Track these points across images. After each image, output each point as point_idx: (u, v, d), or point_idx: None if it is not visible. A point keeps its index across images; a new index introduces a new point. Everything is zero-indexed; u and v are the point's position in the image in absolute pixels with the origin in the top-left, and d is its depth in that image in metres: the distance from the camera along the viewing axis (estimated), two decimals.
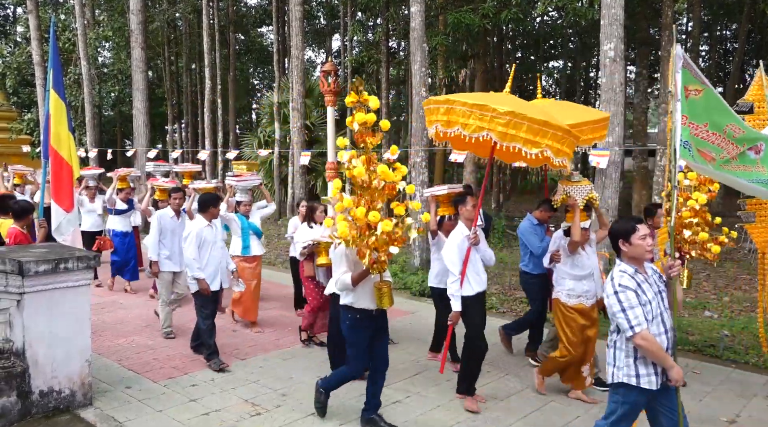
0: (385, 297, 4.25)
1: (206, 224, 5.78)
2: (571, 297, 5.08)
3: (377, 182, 4.13)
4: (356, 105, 4.29)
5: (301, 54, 12.79)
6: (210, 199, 5.91)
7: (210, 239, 5.77)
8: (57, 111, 6.18)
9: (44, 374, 4.56)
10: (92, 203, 9.15)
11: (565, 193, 5.11)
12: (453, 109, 4.62)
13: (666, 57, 10.80)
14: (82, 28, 17.65)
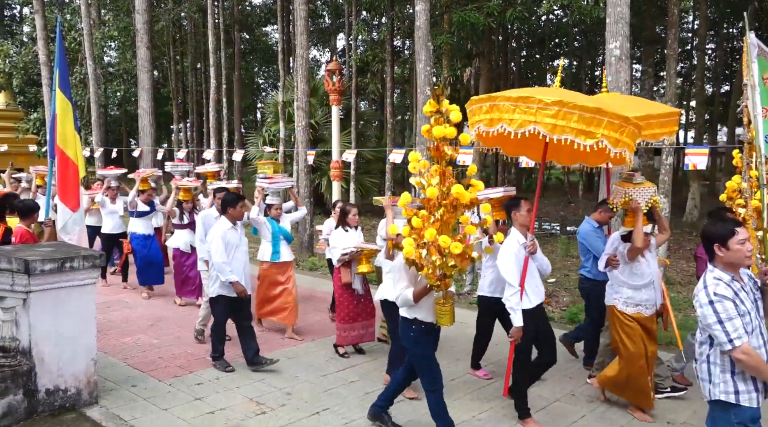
0: (446, 316, 3.99)
1: (230, 226, 5.57)
2: (629, 305, 4.75)
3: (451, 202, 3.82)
4: (434, 115, 3.91)
5: (305, 53, 12.78)
6: (229, 199, 5.69)
7: (234, 242, 5.56)
8: (63, 110, 6.21)
9: (50, 373, 4.58)
10: (114, 204, 8.93)
11: (626, 196, 4.69)
12: (496, 106, 4.32)
13: (672, 55, 10.74)
14: (87, 27, 17.71)
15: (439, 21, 15.19)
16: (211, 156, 15.28)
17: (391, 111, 17.09)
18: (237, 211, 5.61)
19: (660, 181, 9.93)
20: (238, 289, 5.46)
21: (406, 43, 23.69)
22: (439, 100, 3.90)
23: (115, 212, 8.91)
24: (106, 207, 8.86)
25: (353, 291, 5.96)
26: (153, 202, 8.58)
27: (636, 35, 16.43)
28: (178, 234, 7.95)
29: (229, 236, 5.52)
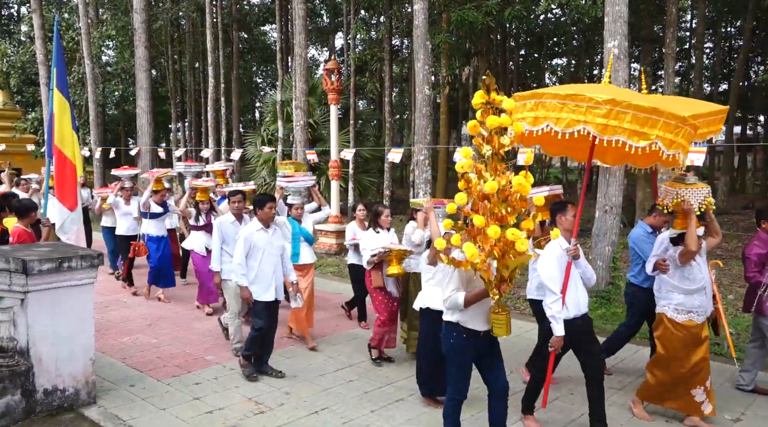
0: (502, 326, 3.71)
1: (259, 228, 5.34)
2: (680, 313, 4.53)
3: (511, 196, 3.54)
4: (484, 107, 3.60)
5: (304, 52, 12.77)
6: (258, 200, 5.41)
7: (262, 245, 5.30)
8: (61, 110, 6.20)
9: (48, 373, 4.57)
10: (128, 205, 8.70)
11: (678, 197, 4.47)
12: (542, 104, 4.08)
13: (670, 54, 10.75)
14: (85, 27, 17.67)
15: (438, 20, 15.17)
16: (210, 155, 15.27)
17: (389, 110, 17.08)
18: (264, 212, 5.34)
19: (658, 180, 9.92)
20: (243, 294, 5.30)
21: (405, 42, 23.67)
22: (488, 91, 3.58)
23: (129, 214, 8.70)
24: (120, 208, 8.66)
25: (388, 293, 5.76)
26: (166, 203, 8.33)
27: (634, 34, 16.44)
28: (194, 236, 7.68)
29: (255, 238, 5.30)
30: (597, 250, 8.07)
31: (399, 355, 6.14)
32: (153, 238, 8.21)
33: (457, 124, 29.48)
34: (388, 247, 5.59)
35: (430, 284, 4.84)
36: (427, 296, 4.87)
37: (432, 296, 4.76)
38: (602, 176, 8.09)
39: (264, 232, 5.35)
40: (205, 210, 7.67)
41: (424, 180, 10.08)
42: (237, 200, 6.27)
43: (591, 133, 3.90)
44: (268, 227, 5.38)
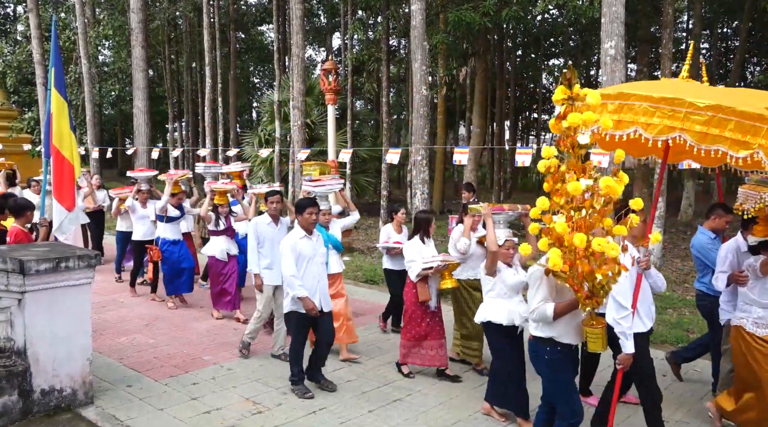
0: (598, 340, 3.39)
1: (302, 235, 5.06)
2: (760, 326, 4.16)
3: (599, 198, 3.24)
4: (566, 102, 3.33)
5: (301, 52, 12.77)
6: (300, 205, 5.14)
7: (307, 253, 5.03)
8: (59, 110, 6.19)
9: (45, 373, 4.57)
10: (144, 209, 8.32)
11: (762, 202, 4.08)
12: (628, 106, 3.66)
13: (667, 55, 10.79)
14: (82, 26, 17.64)
15: (435, 20, 15.18)
16: (207, 155, 15.25)
17: (386, 110, 17.09)
18: (305, 218, 5.05)
19: (655, 181, 9.96)
20: (307, 305, 4.95)
21: (402, 43, 23.68)
22: (570, 85, 3.28)
23: (146, 217, 8.30)
24: (137, 212, 8.28)
25: (427, 308, 5.44)
26: (182, 206, 8.04)
27: (631, 35, 16.48)
28: (214, 241, 7.37)
29: (300, 247, 5.02)
30: None
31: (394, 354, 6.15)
32: (167, 242, 7.88)
33: (454, 124, 29.52)
34: (447, 260, 5.27)
35: (490, 296, 4.60)
36: (488, 308, 4.59)
37: (493, 308, 4.54)
38: None
39: (308, 239, 5.08)
40: (224, 214, 7.38)
41: (422, 180, 10.09)
42: (275, 201, 5.99)
43: (688, 142, 3.50)
44: (311, 233, 5.11)
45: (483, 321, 4.61)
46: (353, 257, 11.44)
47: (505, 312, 4.50)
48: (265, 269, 5.91)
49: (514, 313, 4.51)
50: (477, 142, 17.08)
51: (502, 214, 4.75)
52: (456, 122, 29.38)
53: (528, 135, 36.74)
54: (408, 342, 5.47)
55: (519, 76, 27.76)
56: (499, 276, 4.49)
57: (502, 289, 4.53)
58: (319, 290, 5.09)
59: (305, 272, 5.01)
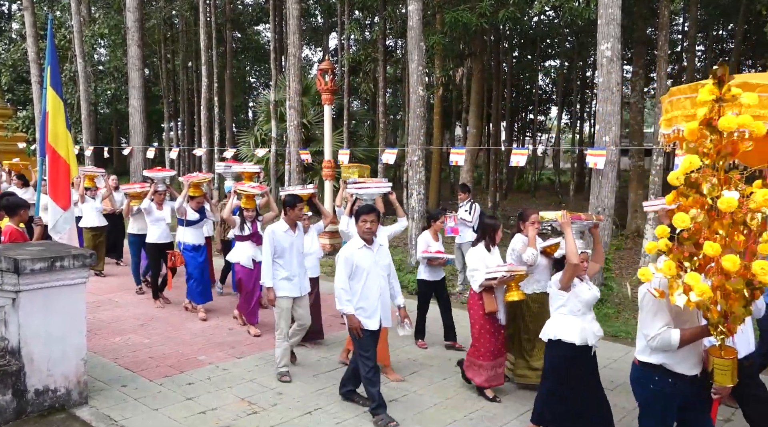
0: (727, 373, 3.00)
1: (360, 245, 4.64)
2: None
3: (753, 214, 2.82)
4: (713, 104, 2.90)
5: (298, 52, 12.76)
6: (359, 211, 4.70)
7: (366, 265, 4.61)
8: (54, 109, 6.17)
9: (39, 373, 4.55)
10: (161, 211, 7.89)
11: None
12: None
13: (662, 57, 10.82)
14: (78, 25, 17.59)
15: (432, 21, 15.19)
16: (203, 154, 15.22)
17: (383, 111, 17.10)
18: (360, 226, 4.62)
19: (650, 183, 10.00)
20: (351, 323, 4.54)
21: (399, 43, 23.69)
22: (721, 84, 2.85)
23: (161, 219, 7.87)
24: (153, 214, 7.82)
25: (496, 321, 5.06)
26: (203, 209, 7.61)
27: (627, 36, 16.52)
28: (239, 247, 6.89)
29: (357, 258, 4.59)
30: None
31: (392, 353, 6.15)
32: (189, 247, 7.44)
33: (450, 125, 29.54)
34: (514, 270, 4.91)
35: (561, 312, 4.24)
36: (558, 325, 4.23)
37: (565, 326, 4.18)
38: (595, 178, 8.13)
39: (367, 249, 4.65)
40: (250, 218, 6.93)
41: (418, 181, 10.10)
42: (300, 207, 5.61)
43: None
44: (371, 243, 4.67)
45: (552, 339, 4.21)
46: None
47: (578, 330, 4.15)
48: (282, 280, 5.43)
49: (588, 331, 4.17)
50: (473, 143, 17.09)
51: (576, 223, 4.54)
52: (452, 123, 29.40)
53: (524, 136, 36.78)
54: (486, 362, 5.02)
55: (515, 77, 27.80)
56: (573, 291, 4.18)
57: (576, 305, 4.19)
58: (380, 306, 4.63)
59: (364, 285, 4.58)
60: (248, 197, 6.94)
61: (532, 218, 5.14)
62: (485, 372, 5.04)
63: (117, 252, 10.61)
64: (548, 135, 38.94)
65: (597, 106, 8.35)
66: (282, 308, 5.44)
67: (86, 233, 9.34)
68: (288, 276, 5.44)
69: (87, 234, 9.35)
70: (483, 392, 5.12)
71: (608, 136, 7.90)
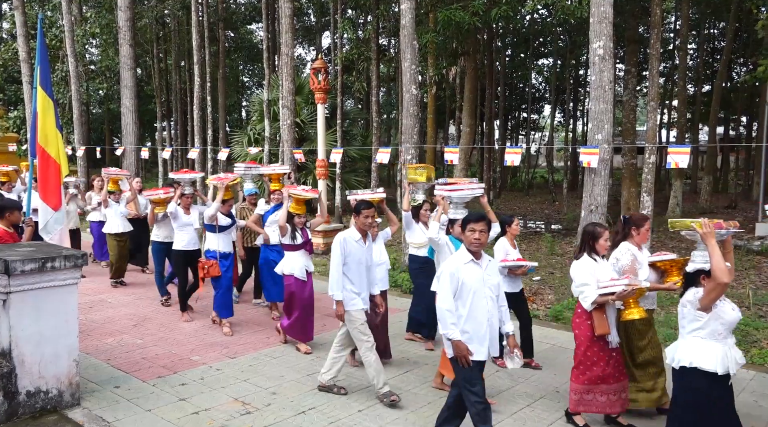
0: None
1: (467, 260, 3.92)
2: None
3: None
4: None
5: (290, 51, 12.73)
6: (469, 217, 4.04)
7: (473, 283, 3.89)
8: (44, 108, 6.13)
9: (31, 375, 4.52)
10: (188, 215, 7.30)
11: None
12: None
13: (655, 55, 10.87)
14: (69, 24, 17.48)
15: (425, 20, 15.20)
16: (196, 155, 15.16)
17: (376, 110, 17.09)
18: (467, 237, 3.95)
19: (643, 180, 10.04)
20: (459, 350, 3.83)
21: (392, 42, 23.69)
22: None
23: (189, 225, 7.28)
24: (179, 219, 7.21)
25: (606, 344, 4.40)
26: (232, 213, 7.18)
27: (619, 35, 16.58)
28: (291, 257, 6.20)
29: (464, 275, 3.89)
30: None
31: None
32: (220, 255, 6.91)
33: (444, 123, 29.57)
34: (636, 284, 4.23)
35: (698, 336, 3.70)
36: (695, 351, 3.68)
37: (703, 351, 3.64)
38: (588, 176, 8.15)
39: (475, 265, 3.94)
40: (301, 225, 6.27)
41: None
42: (370, 214, 5.00)
43: None
44: (480, 257, 3.97)
45: (687, 367, 3.67)
46: None
47: (720, 357, 3.61)
48: (352, 294, 5.00)
49: (730, 358, 3.65)
50: (467, 142, 17.12)
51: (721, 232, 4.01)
52: (446, 121, 29.44)
53: (517, 134, 36.88)
54: (581, 386, 4.45)
55: (508, 76, 27.86)
56: (715, 312, 3.64)
57: (717, 328, 3.65)
58: (489, 333, 3.94)
59: (471, 307, 3.89)
60: (299, 201, 6.29)
61: (647, 226, 4.67)
62: (578, 395, 4.47)
63: (142, 258, 10.07)
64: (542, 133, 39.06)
65: (589, 105, 8.36)
66: (358, 320, 4.96)
67: (110, 240, 9.01)
68: (356, 289, 5.02)
69: (111, 241, 9.00)
70: (571, 417, 4.57)
71: (601, 134, 7.93)
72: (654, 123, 10.67)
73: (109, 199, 8.94)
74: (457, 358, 3.86)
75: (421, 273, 6.41)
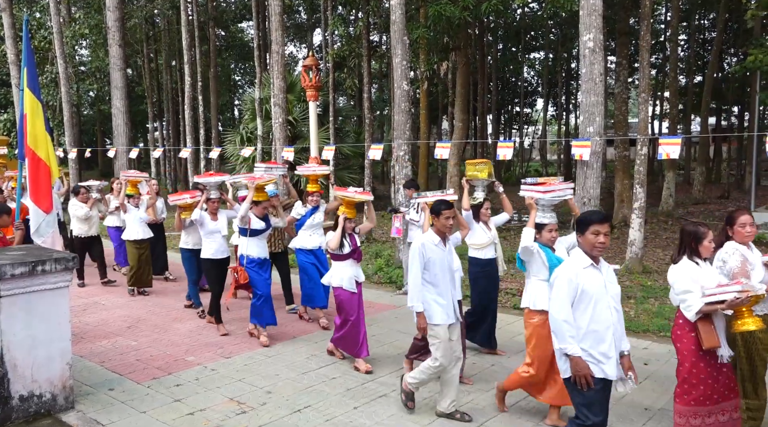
0: None
1: (586, 264, 3.46)
2: None
3: None
4: None
5: (281, 49, 12.67)
6: (581, 221, 3.54)
7: (594, 290, 3.43)
8: (32, 111, 6.08)
9: (24, 379, 4.49)
10: (215, 221, 6.82)
11: None
12: None
13: (645, 47, 10.86)
14: (57, 25, 17.35)
15: (415, 15, 15.15)
16: (188, 155, 15.09)
17: (368, 106, 17.04)
18: (587, 239, 3.45)
19: (635, 172, 10.05)
20: (578, 368, 3.36)
21: (383, 38, 23.63)
22: None
23: (217, 232, 6.81)
24: (206, 226, 6.76)
25: (715, 360, 3.81)
26: (268, 217, 6.72)
27: (610, 27, 16.58)
28: (339, 268, 5.70)
29: (583, 280, 3.42)
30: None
31: (382, 349, 6.15)
32: (255, 260, 6.48)
33: (436, 119, 29.54)
34: (750, 289, 3.62)
35: None
36: None
37: None
38: (580, 169, 8.16)
39: (595, 270, 3.48)
40: (350, 230, 5.87)
41: (405, 176, 10.06)
42: (451, 214, 4.51)
43: None
44: (598, 262, 3.51)
45: None
46: None
47: None
48: (433, 304, 4.49)
49: None
50: (459, 137, 17.10)
51: None
52: (439, 117, 29.42)
53: (511, 129, 36.91)
54: (687, 409, 3.81)
55: (500, 70, 27.85)
56: None
57: None
58: (615, 349, 3.43)
59: (591, 318, 3.41)
60: (350, 205, 5.80)
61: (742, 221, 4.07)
62: (684, 419, 3.84)
63: (161, 265, 9.62)
64: (535, 127, 39.08)
65: (581, 98, 8.36)
66: (439, 337, 4.44)
67: (130, 247, 8.55)
68: (439, 300, 4.49)
69: (131, 248, 8.52)
70: None
71: (592, 127, 7.93)
72: (645, 115, 10.67)
73: (128, 204, 8.53)
74: (576, 378, 3.37)
75: (483, 276, 5.88)
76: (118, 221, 9.36)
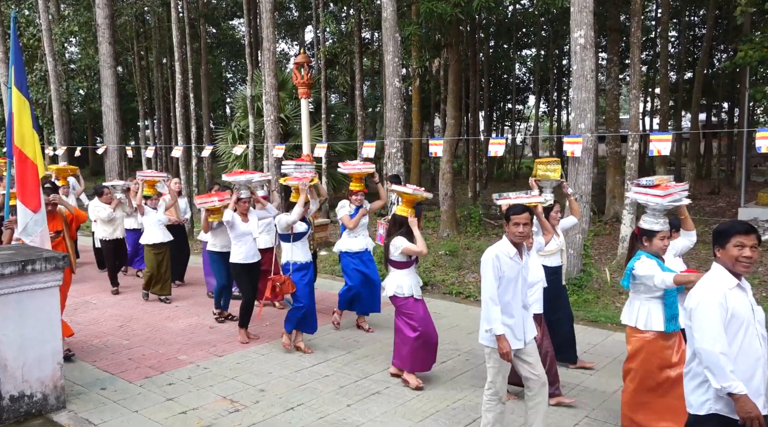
0: None
1: (733, 284, 2.90)
2: None
3: None
4: None
5: (272, 46, 12.62)
6: (720, 232, 3.00)
7: (745, 314, 2.85)
8: (20, 109, 6.01)
9: (14, 379, 4.46)
10: (246, 223, 6.42)
11: None
12: None
13: (636, 43, 10.89)
14: (46, 23, 17.20)
15: (407, 12, 15.13)
16: (180, 153, 15.02)
17: (361, 103, 17.03)
18: (729, 253, 2.91)
19: (627, 168, 10.09)
20: (748, 407, 2.73)
21: (375, 35, 23.60)
22: None
23: (248, 234, 6.42)
24: (237, 228, 6.33)
25: None
26: (306, 218, 6.21)
27: (601, 24, 16.62)
28: (397, 276, 5.20)
29: (733, 304, 2.84)
30: (568, 238, 8.14)
31: (377, 346, 6.15)
32: (302, 266, 6.00)
33: (429, 116, 29.54)
34: None
35: None
36: None
37: None
38: (572, 165, 8.18)
39: (741, 291, 2.93)
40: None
41: (397, 172, 10.07)
42: (521, 220, 3.84)
43: None
44: (740, 278, 2.96)
45: None
46: (329, 251, 11.38)
47: None
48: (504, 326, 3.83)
49: None
50: (452, 134, 17.08)
51: None
52: (431, 114, 29.41)
53: (503, 125, 36.94)
54: None
55: (492, 67, 27.87)
56: None
57: None
58: (764, 370, 2.88)
59: (741, 349, 2.83)
60: (410, 203, 5.21)
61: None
62: None
63: (181, 272, 9.14)
64: (527, 124, 39.15)
65: (572, 94, 8.38)
66: (501, 362, 3.87)
67: (148, 252, 8.06)
68: (506, 320, 3.84)
69: (149, 252, 8.04)
70: None
71: (584, 123, 7.95)
72: (636, 111, 10.71)
73: (146, 206, 7.98)
74: (746, 421, 2.74)
75: (549, 284, 5.13)
76: (135, 223, 8.77)
